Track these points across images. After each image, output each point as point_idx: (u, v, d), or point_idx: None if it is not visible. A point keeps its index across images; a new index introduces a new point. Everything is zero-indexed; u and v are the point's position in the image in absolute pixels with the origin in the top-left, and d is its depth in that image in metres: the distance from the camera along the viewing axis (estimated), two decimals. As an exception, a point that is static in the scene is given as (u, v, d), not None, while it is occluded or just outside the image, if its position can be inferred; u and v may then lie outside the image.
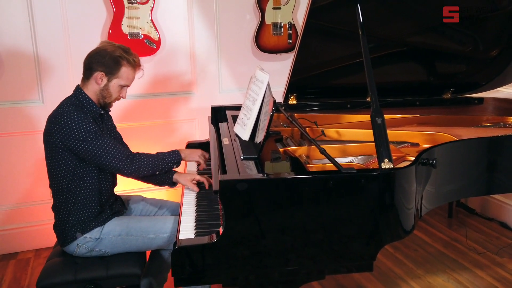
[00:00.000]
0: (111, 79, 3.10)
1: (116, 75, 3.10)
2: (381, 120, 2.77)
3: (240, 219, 2.47)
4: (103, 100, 3.16)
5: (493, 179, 3.44)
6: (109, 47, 3.10)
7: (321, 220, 2.54)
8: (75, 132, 2.93)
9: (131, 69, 3.13)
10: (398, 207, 2.64)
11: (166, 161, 3.20)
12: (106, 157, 2.99)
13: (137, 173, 3.08)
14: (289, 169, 2.71)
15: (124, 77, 3.12)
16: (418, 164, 2.78)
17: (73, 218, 3.11)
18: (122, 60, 3.08)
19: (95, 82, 3.10)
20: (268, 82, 3.17)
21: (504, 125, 4.12)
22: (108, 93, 3.14)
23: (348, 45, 3.79)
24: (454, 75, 4.30)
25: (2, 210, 4.55)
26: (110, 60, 3.06)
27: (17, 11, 4.26)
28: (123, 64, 3.09)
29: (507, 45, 3.94)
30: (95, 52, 3.11)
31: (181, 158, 3.28)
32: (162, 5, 4.70)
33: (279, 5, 4.92)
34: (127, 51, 3.13)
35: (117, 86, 3.13)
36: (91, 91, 3.12)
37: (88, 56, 3.12)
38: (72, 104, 3.05)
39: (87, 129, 2.95)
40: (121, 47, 3.12)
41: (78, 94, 3.12)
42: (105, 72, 3.07)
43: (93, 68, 3.08)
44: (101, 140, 2.99)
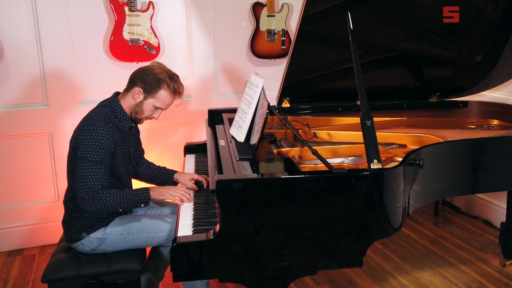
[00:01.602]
0: (147, 97, 3.08)
1: (153, 96, 3.08)
2: (370, 122, 2.77)
3: (236, 217, 2.47)
4: (134, 115, 3.16)
5: (477, 179, 3.45)
6: (157, 68, 3.10)
7: (313, 218, 2.54)
8: (84, 148, 2.92)
9: (170, 94, 3.10)
10: (386, 206, 2.65)
11: (131, 200, 3.03)
12: (80, 183, 2.90)
13: (95, 210, 2.94)
14: (282, 169, 2.70)
15: (161, 99, 3.10)
16: (406, 164, 2.79)
17: (82, 221, 3.11)
18: (163, 83, 3.06)
19: (131, 96, 3.09)
20: (262, 86, 3.17)
21: (487, 127, 4.13)
22: (141, 110, 3.12)
23: (339, 51, 3.80)
24: (440, 80, 4.31)
25: (9, 209, 4.55)
26: (153, 80, 3.05)
27: (24, 20, 4.26)
28: (163, 87, 3.07)
29: (490, 51, 3.95)
30: (143, 69, 3.11)
31: (149, 197, 3.09)
32: (162, 13, 4.70)
33: (273, 13, 4.92)
34: (172, 77, 3.11)
35: (151, 106, 3.12)
36: (127, 103, 3.12)
37: (136, 71, 3.13)
38: (103, 118, 3.02)
39: (97, 153, 2.93)
40: (168, 72, 3.12)
41: (114, 104, 3.12)
42: (143, 89, 3.06)
43: (135, 82, 3.08)
44: (93, 168, 2.91)
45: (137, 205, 3.05)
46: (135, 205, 3.05)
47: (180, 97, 3.20)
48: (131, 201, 3.01)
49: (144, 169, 3.56)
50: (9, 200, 4.55)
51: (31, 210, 4.61)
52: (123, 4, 4.41)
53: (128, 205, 3.01)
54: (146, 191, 3.07)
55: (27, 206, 4.59)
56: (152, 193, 3.09)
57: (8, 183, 4.52)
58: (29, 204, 4.59)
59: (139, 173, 3.56)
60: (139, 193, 3.05)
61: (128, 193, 3.02)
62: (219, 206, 2.47)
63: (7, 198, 4.54)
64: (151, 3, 4.54)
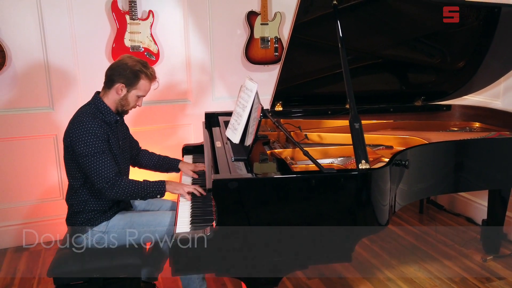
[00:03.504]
0: (130, 90, 3.13)
1: (135, 87, 3.12)
2: (358, 125, 2.78)
3: (231, 214, 2.48)
4: (121, 108, 3.19)
5: (460, 179, 3.46)
6: (129, 61, 3.11)
7: (305, 215, 2.55)
8: (82, 145, 2.96)
9: (148, 81, 3.15)
10: (374, 204, 2.65)
11: (149, 190, 3.10)
12: (95, 176, 2.97)
13: (116, 197, 3.03)
14: (275, 169, 2.71)
15: (142, 88, 3.15)
16: (392, 165, 2.79)
17: (84, 215, 3.13)
18: (141, 73, 3.10)
19: (115, 92, 3.12)
20: (256, 91, 3.18)
21: (470, 129, 4.15)
22: (127, 102, 3.17)
23: (329, 57, 3.79)
24: (425, 85, 4.32)
25: (16, 207, 4.55)
26: (131, 74, 3.08)
27: (30, 28, 4.28)
28: (142, 78, 3.11)
29: (472, 58, 3.96)
30: (116, 65, 3.13)
31: (165, 190, 3.16)
32: (161, 21, 4.70)
33: (267, 21, 4.93)
34: (145, 65, 3.15)
35: (135, 96, 3.16)
36: (111, 99, 3.15)
37: (110, 68, 3.14)
38: (90, 114, 3.07)
39: (95, 144, 2.97)
40: (140, 62, 3.14)
41: (96, 101, 3.16)
42: (125, 84, 3.10)
43: (114, 80, 3.10)
44: (100, 159, 2.97)
45: (153, 196, 3.12)
46: (151, 196, 3.12)
47: (156, 81, 3.25)
48: (148, 191, 3.09)
49: (147, 159, 3.66)
50: (16, 199, 4.55)
51: (37, 208, 4.61)
52: (124, 13, 4.42)
53: (145, 195, 3.09)
54: (163, 184, 3.13)
55: (33, 204, 4.60)
56: (168, 186, 3.15)
57: (16, 182, 4.52)
58: (35, 202, 4.60)
59: (143, 163, 3.66)
60: (156, 185, 3.12)
61: (146, 184, 3.10)
62: (215, 204, 2.47)
63: (14, 197, 4.54)
64: (151, 12, 4.54)
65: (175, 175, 3.72)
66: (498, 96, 4.53)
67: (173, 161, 3.71)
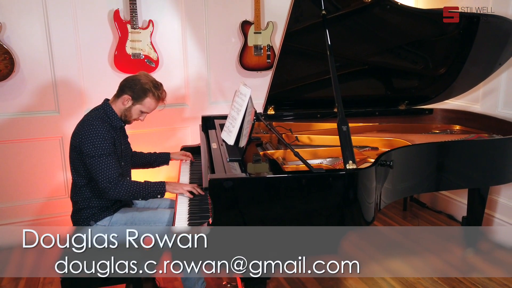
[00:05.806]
0: (135, 104, 3.14)
1: (141, 102, 3.14)
2: (346, 127, 2.79)
3: (226, 211, 2.49)
4: (124, 118, 3.21)
5: (441, 178, 3.46)
6: (143, 78, 3.14)
7: (295, 212, 2.56)
8: (90, 147, 2.98)
9: (155, 101, 3.17)
10: (360, 202, 2.65)
11: (150, 190, 3.11)
12: (99, 176, 2.98)
13: (118, 197, 3.04)
14: (268, 169, 2.71)
15: (147, 106, 3.16)
16: (378, 165, 2.79)
17: (88, 211, 3.16)
18: (149, 92, 3.12)
19: (121, 102, 3.14)
20: (250, 96, 3.18)
21: (450, 132, 4.15)
22: (130, 114, 3.18)
23: (318, 64, 3.81)
24: (408, 90, 4.32)
25: (23, 205, 4.53)
26: (140, 89, 3.10)
27: (37, 37, 4.28)
28: (149, 96, 3.12)
29: (453, 64, 3.97)
30: (131, 78, 3.16)
31: (165, 190, 3.16)
32: (160, 30, 4.69)
33: (260, 30, 4.93)
34: (157, 86, 3.16)
35: (138, 111, 3.18)
36: (117, 107, 3.17)
37: (125, 80, 3.17)
38: (99, 118, 3.09)
39: (102, 146, 2.99)
40: (153, 82, 3.16)
41: (106, 107, 3.17)
42: (132, 97, 3.12)
43: (124, 91, 3.13)
44: (105, 160, 2.99)
45: (154, 196, 3.12)
46: (152, 196, 3.12)
47: (163, 103, 3.27)
48: (149, 191, 3.09)
49: (137, 158, 3.67)
50: (22, 197, 4.53)
51: (45, 206, 4.60)
52: (126, 22, 4.42)
53: (146, 195, 3.09)
54: (163, 184, 3.13)
55: (40, 202, 4.58)
56: (168, 186, 3.14)
57: (24, 182, 4.51)
58: (43, 200, 4.58)
59: (136, 162, 3.66)
60: (157, 185, 3.12)
61: (147, 184, 3.10)
62: (212, 202, 2.48)
63: (21, 196, 4.52)
64: (151, 21, 4.54)
65: (174, 175, 3.72)
66: (477, 100, 4.55)
67: (163, 155, 3.77)
